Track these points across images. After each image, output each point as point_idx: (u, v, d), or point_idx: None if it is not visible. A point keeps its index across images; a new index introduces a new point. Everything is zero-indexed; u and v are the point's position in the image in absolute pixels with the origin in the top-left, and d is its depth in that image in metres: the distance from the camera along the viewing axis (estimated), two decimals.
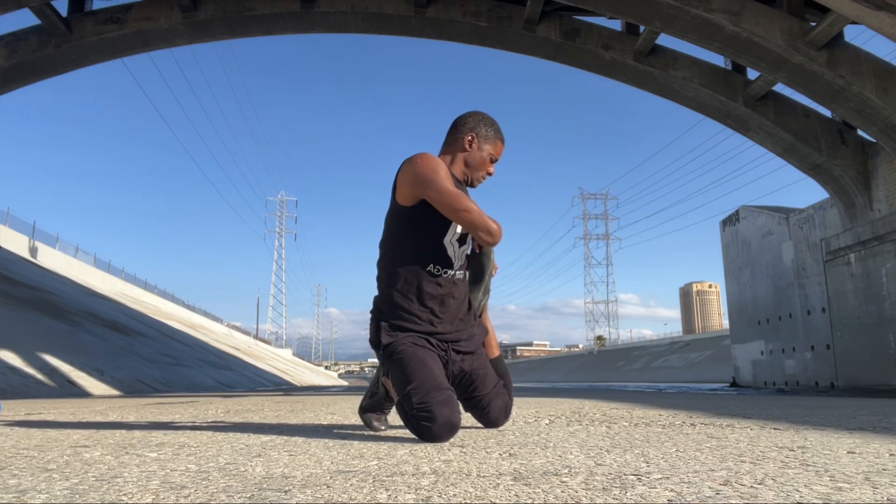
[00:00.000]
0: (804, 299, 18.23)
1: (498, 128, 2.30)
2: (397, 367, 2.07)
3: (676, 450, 1.77)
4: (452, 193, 2.05)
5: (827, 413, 3.53)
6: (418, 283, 2.12)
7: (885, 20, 10.52)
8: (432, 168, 2.08)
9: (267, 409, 4.07)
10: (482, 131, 2.26)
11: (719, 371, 36.19)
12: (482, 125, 2.26)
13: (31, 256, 25.53)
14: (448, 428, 1.91)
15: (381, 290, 2.23)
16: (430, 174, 2.07)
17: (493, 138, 2.27)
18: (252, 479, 1.27)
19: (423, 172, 2.08)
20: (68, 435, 2.25)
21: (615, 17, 14.59)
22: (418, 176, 2.08)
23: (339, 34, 16.10)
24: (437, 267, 2.13)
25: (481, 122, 2.27)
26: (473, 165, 2.25)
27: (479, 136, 2.25)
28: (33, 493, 1.12)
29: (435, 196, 2.06)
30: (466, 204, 2.05)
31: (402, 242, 2.16)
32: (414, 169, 2.09)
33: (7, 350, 9.64)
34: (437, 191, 2.05)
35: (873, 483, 1.21)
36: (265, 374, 29.91)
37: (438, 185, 2.05)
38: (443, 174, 2.07)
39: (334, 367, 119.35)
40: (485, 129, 2.26)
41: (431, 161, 2.11)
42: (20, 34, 14.40)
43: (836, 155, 15.05)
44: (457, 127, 2.28)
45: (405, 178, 2.11)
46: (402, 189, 2.12)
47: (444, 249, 2.14)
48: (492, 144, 2.27)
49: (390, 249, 2.19)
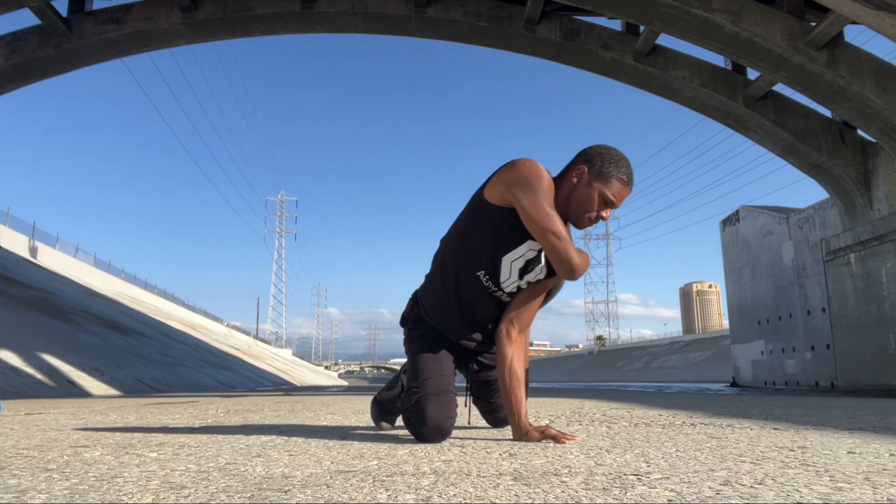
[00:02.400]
0: (804, 299, 18.22)
1: (622, 167, 1.95)
2: (412, 356, 2.12)
3: (676, 450, 1.77)
4: (546, 211, 1.85)
5: (827, 413, 3.53)
6: (463, 283, 2.03)
7: (885, 20, 10.52)
8: (535, 176, 1.88)
9: (267, 409, 4.07)
10: (598, 166, 1.94)
11: (719, 371, 36.20)
12: (600, 159, 1.95)
13: (31, 256, 25.53)
14: (436, 432, 1.93)
15: (429, 276, 2.15)
16: (531, 182, 1.87)
17: (609, 176, 1.93)
18: (252, 479, 1.27)
19: (524, 178, 1.88)
20: (68, 435, 2.25)
21: (615, 17, 14.59)
22: (518, 179, 1.88)
23: (339, 34, 16.12)
24: (488, 278, 2.00)
25: (600, 155, 1.96)
26: (576, 202, 1.94)
27: (591, 171, 1.94)
28: (33, 493, 1.12)
29: (527, 206, 1.86)
30: (557, 227, 1.85)
31: (467, 238, 2.02)
32: (515, 171, 1.90)
33: (7, 350, 9.64)
34: (531, 202, 1.85)
35: (873, 483, 1.21)
36: (265, 374, 29.91)
37: (535, 197, 1.86)
38: (544, 188, 1.87)
39: (334, 367, 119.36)
40: (602, 164, 1.94)
41: (537, 170, 1.90)
42: (20, 34, 14.41)
43: (836, 155, 15.05)
44: (576, 157, 2.01)
45: (503, 176, 1.92)
46: (495, 186, 1.93)
47: (498, 265, 1.98)
48: (605, 183, 1.93)
49: (453, 239, 2.07)
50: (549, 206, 1.87)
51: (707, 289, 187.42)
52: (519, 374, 2.02)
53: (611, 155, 1.96)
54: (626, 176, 1.96)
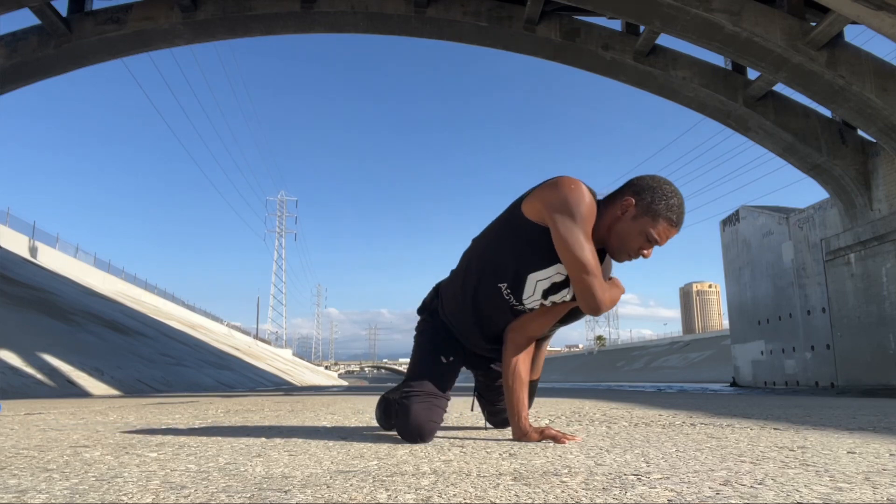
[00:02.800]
0: (804, 299, 18.23)
1: (674, 205, 1.82)
2: (417, 350, 2.14)
3: (676, 450, 1.77)
4: (579, 241, 1.76)
5: (827, 413, 3.53)
6: (483, 291, 1.97)
7: (885, 20, 10.52)
8: (576, 202, 1.77)
9: (267, 409, 4.07)
10: (647, 200, 1.81)
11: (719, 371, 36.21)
12: (650, 193, 1.82)
13: (31, 256, 25.53)
14: (416, 433, 1.95)
15: (454, 273, 2.12)
16: (570, 207, 1.76)
17: (657, 214, 1.81)
18: (252, 479, 1.27)
19: (564, 201, 1.77)
20: (68, 435, 2.25)
21: (615, 17, 14.59)
22: (557, 202, 1.78)
23: (340, 34, 16.13)
24: (509, 292, 1.94)
25: (651, 189, 1.83)
26: (618, 235, 1.84)
27: (639, 205, 1.81)
28: (33, 493, 1.12)
29: (561, 231, 1.77)
30: (588, 260, 1.76)
31: (496, 247, 1.95)
32: (557, 192, 1.79)
33: (7, 350, 9.64)
34: (566, 229, 1.76)
35: (873, 483, 1.21)
36: (265, 374, 29.91)
37: (571, 224, 1.76)
38: (584, 215, 1.77)
39: (334, 367, 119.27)
40: (652, 199, 1.81)
41: (579, 194, 1.78)
42: (20, 34, 14.41)
43: (836, 155, 15.05)
44: (625, 185, 1.89)
45: (543, 194, 1.82)
46: (534, 203, 1.83)
47: (523, 282, 1.91)
48: (652, 220, 1.81)
49: (483, 243, 2.00)
50: (584, 236, 1.77)
51: (707, 289, 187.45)
52: (522, 375, 2.01)
53: (663, 191, 1.83)
54: (675, 216, 1.83)
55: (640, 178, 1.88)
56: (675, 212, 1.83)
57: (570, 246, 1.76)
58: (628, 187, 1.86)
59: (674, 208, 1.82)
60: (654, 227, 1.82)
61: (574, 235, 1.76)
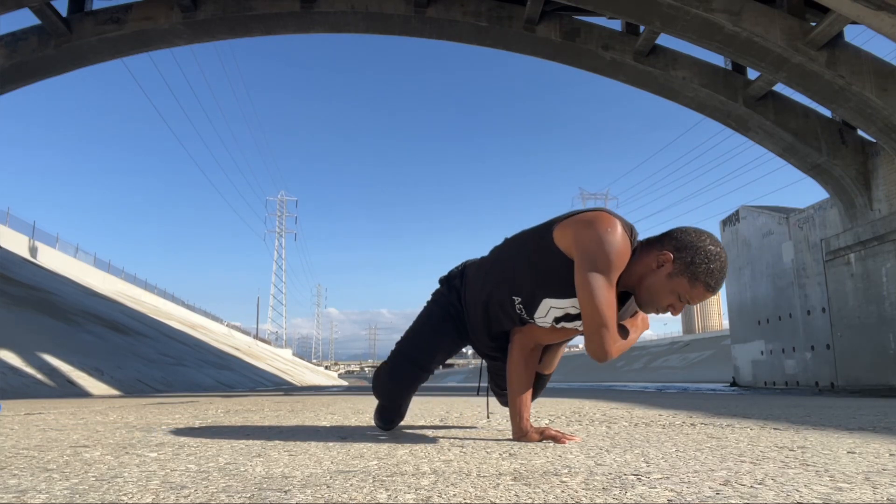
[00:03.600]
0: (804, 299, 18.23)
1: (714, 270, 1.72)
2: (423, 318, 2.16)
3: (676, 450, 1.77)
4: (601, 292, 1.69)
5: (827, 413, 3.53)
6: (497, 296, 1.96)
7: (885, 20, 10.52)
8: (608, 247, 1.69)
9: (267, 409, 4.07)
10: (687, 260, 1.71)
11: (719, 371, 36.19)
12: (692, 253, 1.71)
13: (31, 256, 25.53)
14: (387, 396, 2.14)
15: (482, 262, 2.07)
16: (600, 251, 1.69)
17: (696, 278, 1.72)
18: (252, 479, 1.27)
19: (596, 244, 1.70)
20: (68, 435, 2.25)
21: (615, 17, 14.59)
22: (589, 244, 1.70)
23: (341, 34, 16.12)
24: (521, 307, 1.92)
25: (694, 249, 1.72)
26: (648, 288, 1.76)
27: (677, 262, 1.72)
28: (33, 493, 1.12)
29: (586, 275, 1.70)
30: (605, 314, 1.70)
31: (519, 261, 1.90)
32: (591, 232, 1.71)
33: (7, 350, 9.64)
34: (591, 274, 1.69)
35: (873, 483, 1.21)
36: (265, 374, 29.90)
37: (596, 271, 1.69)
38: (613, 262, 1.69)
39: (334, 367, 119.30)
40: (692, 259, 1.71)
41: (613, 239, 1.70)
42: (20, 34, 14.40)
43: (836, 155, 15.05)
44: (667, 236, 1.79)
45: (577, 231, 1.74)
46: (566, 235, 1.76)
47: (537, 303, 1.88)
48: (690, 282, 1.72)
49: (510, 251, 1.96)
50: (607, 285, 1.70)
51: None
52: (524, 377, 2.02)
53: (706, 253, 1.72)
54: (714, 282, 1.73)
55: (683, 232, 1.77)
56: (716, 277, 1.73)
57: (589, 294, 1.70)
58: (669, 240, 1.76)
59: (714, 273, 1.72)
60: (689, 289, 1.73)
61: (596, 284, 1.69)
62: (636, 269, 1.76)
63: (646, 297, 1.78)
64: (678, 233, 1.77)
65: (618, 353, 1.79)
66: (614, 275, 1.71)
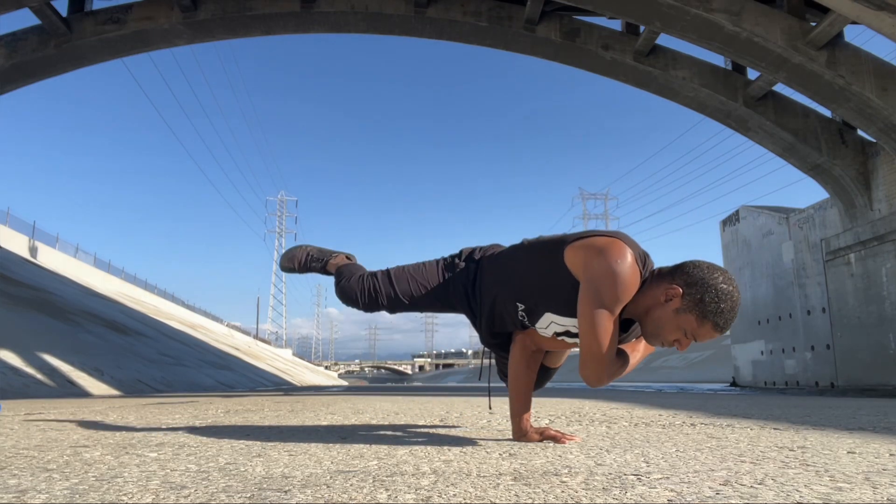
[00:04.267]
0: (804, 299, 18.23)
1: (724, 310, 1.64)
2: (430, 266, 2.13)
3: (676, 450, 1.77)
4: (602, 322, 1.66)
5: (827, 413, 3.53)
6: (501, 297, 1.95)
7: (885, 20, 10.52)
8: (616, 278, 1.65)
9: (267, 409, 4.07)
10: (696, 297, 1.65)
11: (719, 371, 36.18)
12: (702, 290, 1.64)
13: (31, 256, 25.54)
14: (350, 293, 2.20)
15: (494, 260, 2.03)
16: (608, 281, 1.65)
17: (704, 315, 1.64)
18: (252, 479, 1.27)
19: (604, 272, 1.66)
20: (68, 435, 2.25)
21: (615, 17, 14.59)
22: (597, 270, 1.67)
23: (341, 34, 16.12)
24: (524, 315, 1.92)
25: (705, 286, 1.65)
26: (654, 321, 1.70)
27: (686, 298, 1.66)
28: (33, 493, 1.12)
29: (588, 305, 1.67)
30: (603, 345, 1.68)
31: (528, 271, 1.89)
32: (601, 260, 1.68)
33: (7, 350, 9.64)
34: (594, 304, 1.66)
35: (873, 483, 1.21)
36: (265, 374, 29.90)
37: (600, 301, 1.66)
38: (619, 295, 1.66)
39: (334, 367, 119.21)
40: (703, 297, 1.64)
41: (623, 270, 1.65)
42: (20, 34, 14.41)
43: (836, 155, 15.05)
44: (679, 269, 1.71)
45: (587, 254, 1.72)
46: (577, 258, 1.74)
47: (540, 314, 1.87)
48: (698, 320, 1.65)
49: (517, 261, 1.95)
50: (609, 317, 1.66)
51: None
52: (525, 377, 2.02)
53: (717, 291, 1.64)
54: (724, 322, 1.65)
55: (696, 267, 1.70)
56: (725, 317, 1.65)
57: (590, 325, 1.67)
58: (680, 273, 1.69)
59: (724, 313, 1.64)
60: (697, 327, 1.66)
61: (598, 316, 1.66)
62: (644, 300, 1.70)
63: (651, 330, 1.72)
64: (690, 267, 1.70)
65: (609, 380, 1.76)
66: (618, 307, 1.67)
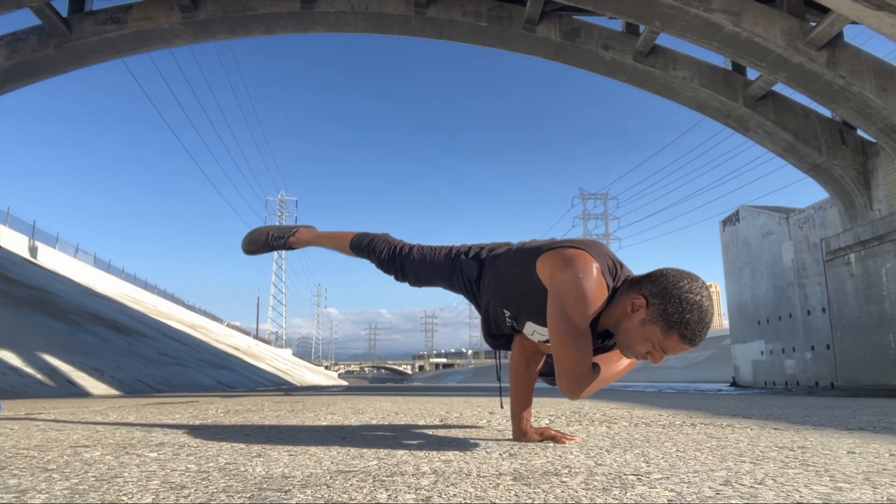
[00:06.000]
0: (804, 299, 18.23)
1: (690, 321, 1.55)
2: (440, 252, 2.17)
3: (676, 450, 1.77)
4: (567, 336, 1.61)
5: (827, 413, 3.53)
6: (493, 303, 1.96)
7: (885, 20, 10.52)
8: (581, 291, 1.60)
9: (267, 409, 4.07)
10: (660, 308, 1.57)
11: (719, 371, 36.18)
12: (664, 300, 1.57)
13: (31, 256, 25.54)
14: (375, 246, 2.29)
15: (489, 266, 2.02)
16: (572, 295, 1.61)
17: (669, 328, 1.56)
18: (252, 479, 1.27)
19: (568, 286, 1.62)
20: (68, 435, 2.25)
21: (615, 17, 14.59)
22: (562, 283, 1.64)
23: (341, 34, 16.12)
24: (512, 322, 1.91)
25: (668, 295, 1.57)
26: (624, 333, 1.64)
27: (650, 308, 1.59)
28: (33, 493, 1.12)
29: (554, 319, 1.64)
30: (570, 359, 1.63)
31: (510, 278, 1.89)
32: (565, 273, 1.64)
33: (7, 350, 9.64)
34: (559, 318, 1.62)
35: (873, 483, 1.21)
36: (265, 374, 29.90)
37: (565, 315, 1.61)
38: (583, 311, 1.61)
39: (334, 367, 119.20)
40: (666, 308, 1.56)
41: (588, 283, 1.61)
42: (20, 34, 14.40)
43: (836, 155, 15.05)
44: (646, 278, 1.65)
45: (554, 266, 1.68)
46: (545, 267, 1.72)
47: (523, 322, 1.87)
48: (663, 332, 1.57)
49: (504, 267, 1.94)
50: (576, 329, 1.61)
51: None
52: (525, 378, 2.03)
53: (682, 301, 1.55)
54: (691, 334, 1.55)
55: (662, 275, 1.62)
56: (692, 329, 1.55)
57: (558, 339, 1.64)
58: (647, 282, 1.63)
59: (689, 324, 1.55)
60: (663, 339, 1.58)
61: (565, 329, 1.62)
62: (614, 311, 1.65)
63: (623, 342, 1.66)
64: (657, 275, 1.63)
65: (584, 394, 1.71)
66: (584, 320, 1.62)
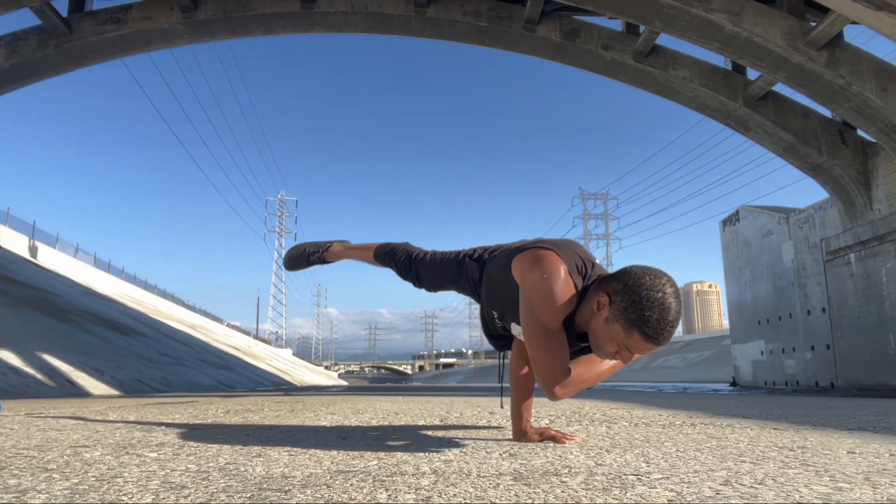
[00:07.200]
0: (804, 299, 18.23)
1: (651, 319, 1.50)
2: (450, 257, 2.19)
3: (676, 450, 1.77)
4: (537, 338, 1.62)
5: (827, 413, 3.53)
6: (484, 304, 2.01)
7: (885, 20, 10.52)
8: (547, 291, 1.61)
9: (267, 409, 4.07)
10: (621, 305, 1.54)
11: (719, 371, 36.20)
12: (627, 298, 1.53)
13: (31, 256, 25.53)
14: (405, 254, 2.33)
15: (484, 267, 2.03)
16: (539, 296, 1.62)
17: (630, 325, 1.52)
18: (252, 479, 1.27)
19: (535, 286, 1.64)
20: (68, 435, 2.25)
21: (615, 17, 14.59)
22: (530, 284, 1.65)
23: (341, 34, 16.13)
24: (501, 323, 1.93)
25: (629, 292, 1.53)
26: (593, 332, 1.62)
27: (612, 307, 1.56)
28: (33, 493, 1.12)
29: (524, 320, 1.66)
30: (542, 360, 1.63)
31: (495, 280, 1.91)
32: (533, 274, 1.65)
33: (7, 350, 9.64)
34: (528, 319, 1.64)
35: (873, 483, 1.21)
36: (265, 374, 29.90)
37: (533, 316, 1.63)
38: (553, 314, 1.62)
39: (334, 367, 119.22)
40: (626, 305, 1.53)
41: (553, 283, 1.61)
42: (20, 34, 14.41)
43: (836, 155, 15.05)
44: (612, 276, 1.63)
45: (523, 267, 1.70)
46: (516, 268, 1.74)
47: (509, 323, 1.88)
48: (625, 330, 1.54)
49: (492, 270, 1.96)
50: (546, 330, 1.62)
51: (707, 289, 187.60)
52: (525, 378, 2.04)
53: (642, 299, 1.51)
54: (653, 332, 1.51)
55: (626, 273, 1.59)
56: (653, 327, 1.50)
57: (529, 339, 1.65)
58: (612, 281, 1.60)
59: (650, 322, 1.50)
60: (626, 338, 1.54)
61: (535, 330, 1.63)
62: (584, 311, 1.64)
63: (592, 342, 1.64)
64: (622, 273, 1.61)
65: (563, 396, 1.69)
66: (552, 321, 1.62)
